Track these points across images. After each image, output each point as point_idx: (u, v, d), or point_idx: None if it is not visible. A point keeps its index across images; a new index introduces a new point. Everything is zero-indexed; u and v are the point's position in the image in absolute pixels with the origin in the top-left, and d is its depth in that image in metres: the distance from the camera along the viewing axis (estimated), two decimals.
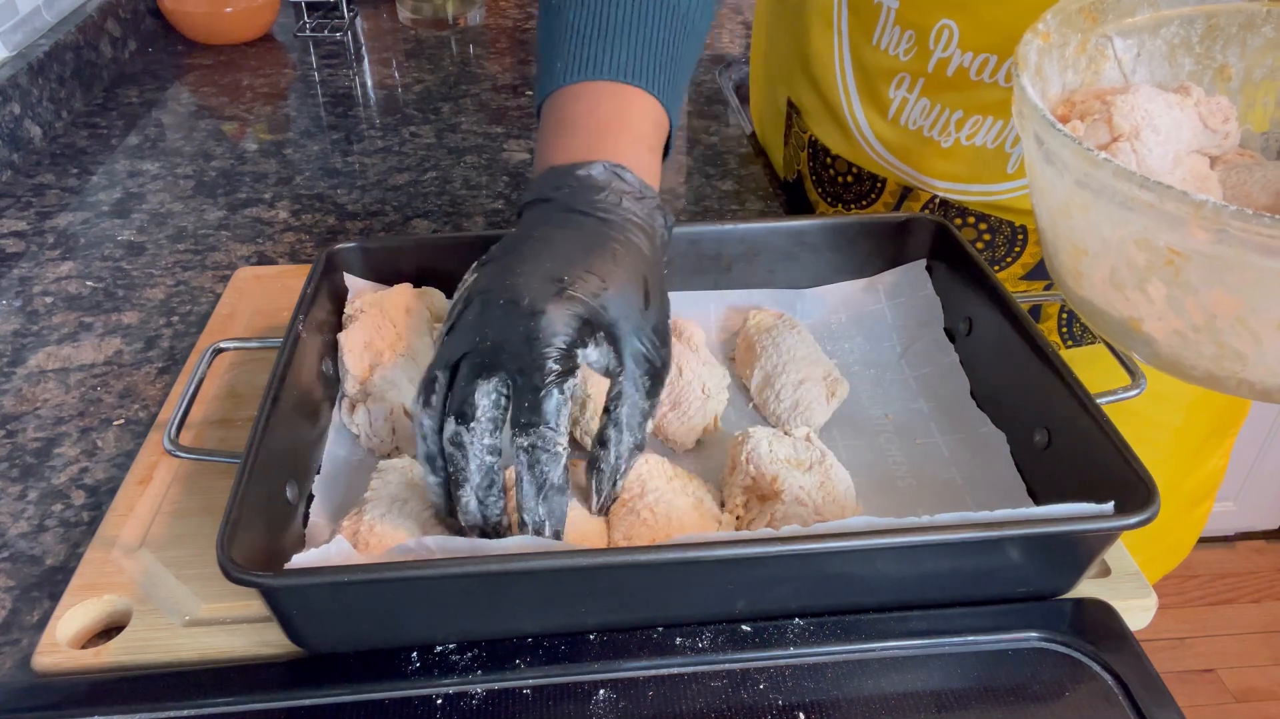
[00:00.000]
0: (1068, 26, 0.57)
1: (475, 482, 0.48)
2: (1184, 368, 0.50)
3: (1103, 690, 0.48)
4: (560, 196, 0.55)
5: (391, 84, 1.23)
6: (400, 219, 0.93)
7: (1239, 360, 0.47)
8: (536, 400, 0.47)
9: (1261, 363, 0.46)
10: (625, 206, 0.54)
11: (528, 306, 0.48)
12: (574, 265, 0.51)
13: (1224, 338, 0.46)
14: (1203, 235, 0.43)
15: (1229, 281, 0.44)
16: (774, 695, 0.47)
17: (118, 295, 0.81)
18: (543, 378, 0.47)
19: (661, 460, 0.56)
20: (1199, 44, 0.59)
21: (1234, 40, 0.58)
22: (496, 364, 0.48)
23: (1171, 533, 0.96)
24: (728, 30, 1.40)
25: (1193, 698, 1.72)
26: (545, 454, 0.47)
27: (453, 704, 0.47)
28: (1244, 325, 0.45)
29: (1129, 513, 0.47)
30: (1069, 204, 0.49)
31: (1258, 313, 0.44)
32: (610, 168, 0.55)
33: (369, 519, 0.52)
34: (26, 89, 1.04)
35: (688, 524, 0.52)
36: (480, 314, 0.49)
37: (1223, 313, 0.45)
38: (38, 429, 0.67)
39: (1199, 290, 0.45)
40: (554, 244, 0.52)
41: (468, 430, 0.47)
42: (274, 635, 0.49)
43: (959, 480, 0.59)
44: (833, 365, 0.65)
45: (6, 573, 0.56)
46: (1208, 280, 0.45)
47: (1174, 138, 0.55)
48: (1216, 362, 0.48)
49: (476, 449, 0.48)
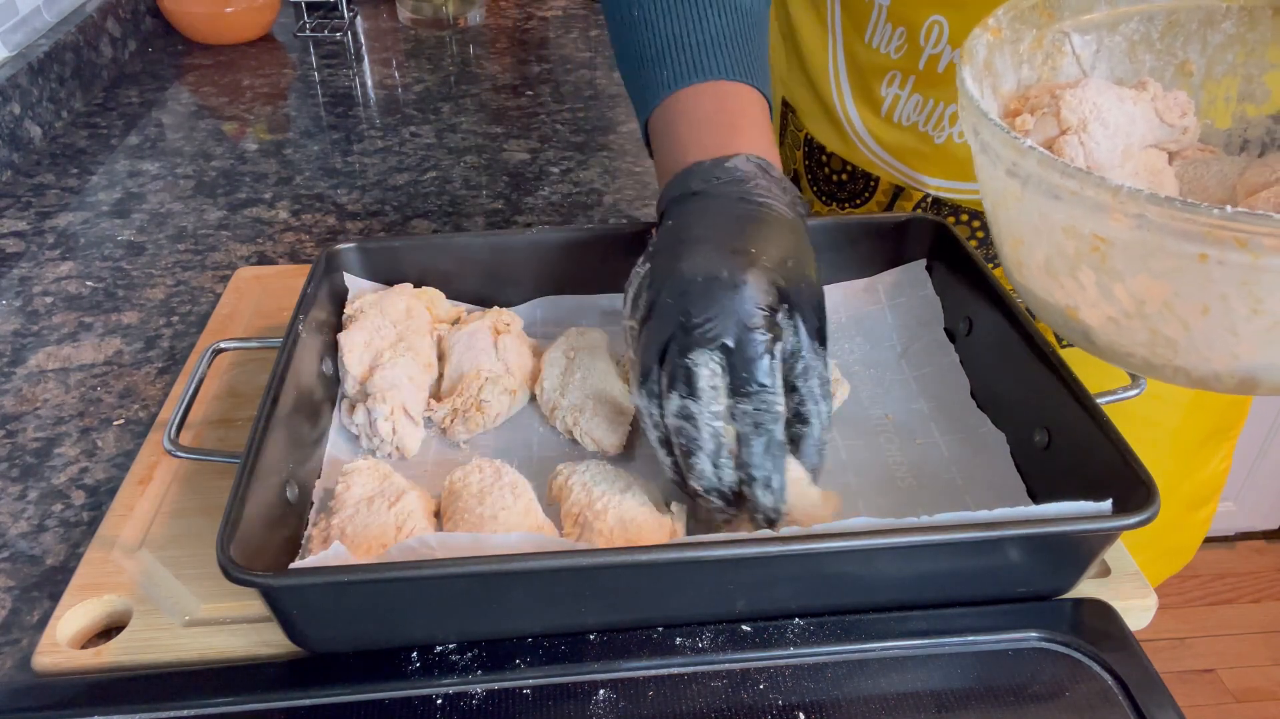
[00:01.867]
0: (1021, 22, 0.58)
1: (709, 449, 0.50)
2: (1121, 356, 0.50)
3: (1103, 690, 0.48)
4: (712, 188, 0.57)
5: (391, 84, 1.23)
6: (400, 219, 0.93)
7: (1170, 347, 0.47)
8: (753, 366, 0.49)
9: (1193, 349, 0.47)
10: (775, 193, 0.57)
11: (728, 279, 0.50)
12: (753, 241, 0.53)
13: (1154, 324, 0.47)
14: (1123, 221, 0.43)
15: (1153, 267, 0.44)
16: (774, 695, 0.47)
17: (118, 295, 0.81)
18: (757, 345, 0.49)
19: (601, 463, 0.56)
20: (1160, 40, 0.59)
21: (1195, 36, 0.58)
22: (709, 338, 0.49)
23: (1174, 535, 0.96)
24: None
25: (1193, 698, 1.72)
26: (768, 415, 0.50)
27: (453, 704, 0.47)
28: (1171, 311, 0.45)
29: (1129, 513, 0.47)
30: (1005, 194, 0.50)
31: (1182, 298, 0.44)
32: (752, 159, 0.58)
33: (337, 522, 0.52)
34: (26, 89, 1.04)
35: (643, 525, 0.52)
36: (680, 295, 0.51)
37: (1150, 299, 0.46)
38: (38, 429, 0.67)
39: (1125, 277, 0.46)
40: (726, 226, 0.54)
41: (695, 402, 0.49)
42: (274, 635, 0.49)
43: (959, 480, 0.59)
44: (833, 365, 0.65)
45: (6, 573, 0.56)
46: (1132, 267, 0.45)
47: (1125, 131, 0.55)
48: (1150, 349, 0.48)
49: (705, 418, 0.50)
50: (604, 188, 0.98)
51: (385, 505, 0.53)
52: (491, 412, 0.62)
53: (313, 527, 0.54)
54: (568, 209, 0.95)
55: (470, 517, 0.53)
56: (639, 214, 0.94)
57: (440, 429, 0.63)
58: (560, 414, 0.62)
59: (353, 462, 0.57)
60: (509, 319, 0.67)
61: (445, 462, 0.61)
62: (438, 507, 0.56)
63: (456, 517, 0.53)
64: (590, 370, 0.63)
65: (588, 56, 1.32)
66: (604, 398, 0.61)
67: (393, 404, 0.60)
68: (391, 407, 0.60)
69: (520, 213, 0.94)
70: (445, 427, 0.62)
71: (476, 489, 0.54)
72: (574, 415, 0.61)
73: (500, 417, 0.63)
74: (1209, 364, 0.47)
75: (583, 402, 0.61)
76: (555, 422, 0.63)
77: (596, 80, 1.25)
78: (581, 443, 0.61)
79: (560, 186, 0.99)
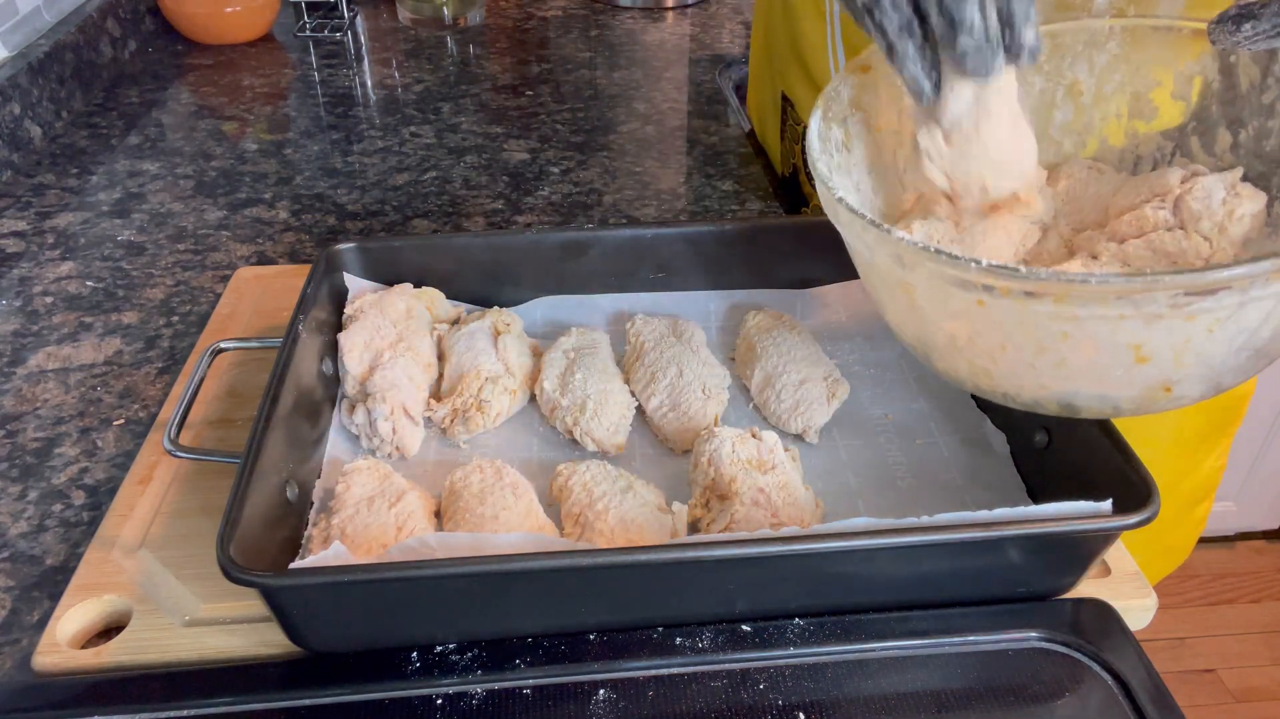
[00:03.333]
0: None
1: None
2: (957, 380, 0.52)
3: (1103, 690, 0.48)
4: None
5: (391, 84, 1.23)
6: (400, 219, 0.93)
7: (988, 376, 0.49)
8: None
9: (1005, 379, 0.48)
10: None
11: None
12: None
13: (969, 356, 0.48)
14: (915, 271, 0.45)
15: (949, 310, 0.46)
16: (774, 695, 0.47)
17: (118, 295, 0.81)
18: None
19: (602, 464, 0.56)
20: (1047, 62, 0.59)
21: (1081, 57, 0.59)
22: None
23: (1171, 534, 0.96)
24: (728, 30, 1.41)
25: (1193, 698, 1.72)
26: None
27: (453, 704, 0.47)
28: (975, 347, 0.47)
29: (1129, 513, 0.47)
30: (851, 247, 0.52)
31: (982, 337, 0.46)
32: None
33: (337, 522, 0.52)
34: (26, 89, 1.04)
35: (643, 525, 0.52)
36: None
37: (958, 335, 0.47)
38: (38, 429, 0.67)
39: (932, 318, 0.48)
40: None
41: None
42: (274, 635, 0.49)
43: (959, 480, 0.59)
44: (833, 366, 0.65)
45: (6, 573, 0.56)
46: (935, 309, 0.47)
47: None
48: (973, 377, 0.50)
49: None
50: (604, 188, 0.98)
51: (385, 505, 0.53)
52: (492, 412, 0.62)
53: (313, 526, 0.54)
54: (568, 209, 0.95)
55: (471, 517, 0.53)
56: (639, 214, 0.94)
57: (440, 429, 0.63)
58: (560, 414, 0.62)
59: (353, 461, 0.57)
60: (509, 319, 0.67)
61: (445, 462, 0.61)
62: (438, 507, 0.56)
63: (457, 517, 0.53)
64: (591, 370, 0.63)
65: (588, 56, 1.32)
66: (604, 398, 0.61)
67: (393, 404, 0.60)
68: (392, 406, 0.60)
69: (520, 213, 0.94)
70: (445, 427, 0.62)
71: (477, 489, 0.54)
72: (574, 415, 0.61)
73: (500, 417, 0.63)
74: (1025, 391, 0.48)
75: (583, 402, 0.61)
76: (555, 422, 0.63)
77: (596, 80, 1.25)
78: (582, 443, 0.61)
79: (560, 186, 0.99)
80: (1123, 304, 0.41)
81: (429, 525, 0.54)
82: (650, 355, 0.65)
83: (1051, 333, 0.43)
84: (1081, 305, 0.41)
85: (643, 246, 0.70)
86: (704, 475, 0.56)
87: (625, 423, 0.62)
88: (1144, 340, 0.42)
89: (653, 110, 1.16)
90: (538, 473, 0.59)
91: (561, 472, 0.56)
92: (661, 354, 0.65)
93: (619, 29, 1.42)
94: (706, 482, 0.55)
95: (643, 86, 1.22)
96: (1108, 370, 0.44)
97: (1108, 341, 0.43)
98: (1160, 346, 0.42)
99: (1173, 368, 0.44)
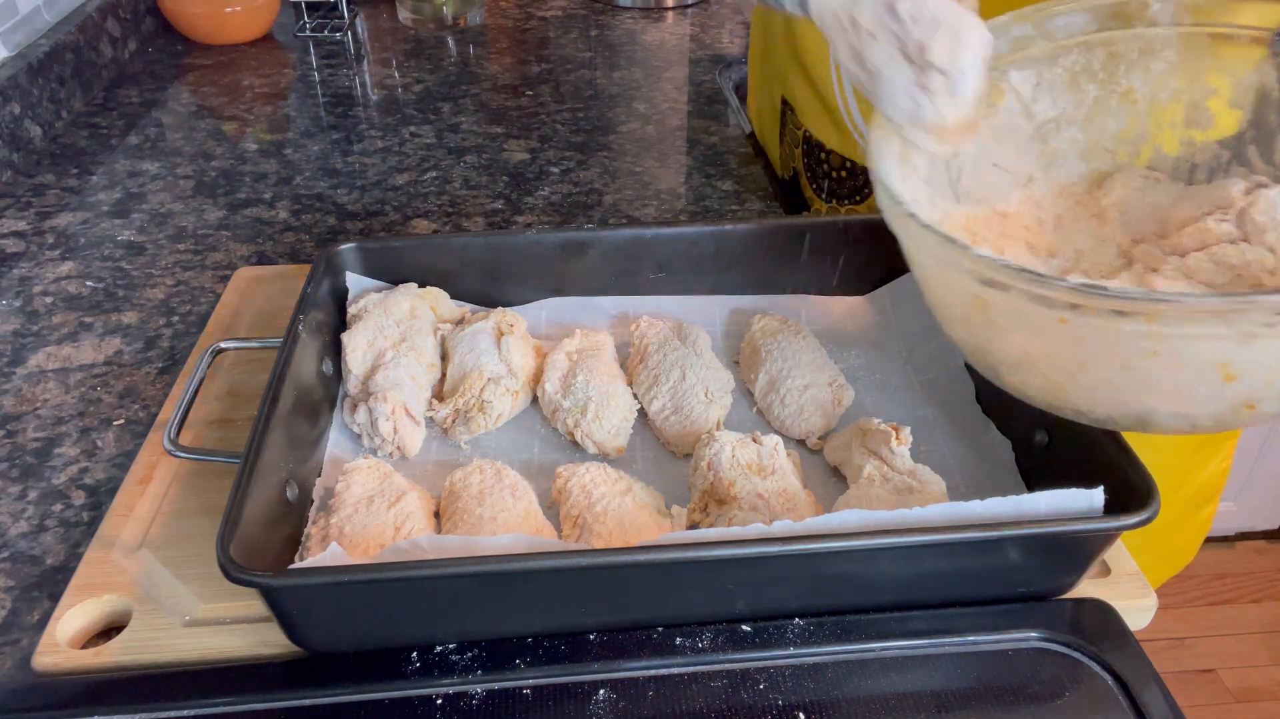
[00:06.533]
0: None
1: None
2: (1026, 395, 0.51)
3: (1103, 690, 0.48)
4: None
5: (391, 84, 1.23)
6: (400, 219, 0.93)
7: (1062, 392, 0.48)
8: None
9: (1081, 396, 0.48)
10: None
11: None
12: None
13: (1044, 372, 0.48)
14: (993, 286, 0.45)
15: (1025, 327, 0.46)
16: (774, 695, 0.47)
17: (118, 295, 0.81)
18: None
19: (602, 466, 0.56)
20: (1102, 70, 0.59)
21: (1136, 65, 0.58)
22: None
23: (1175, 537, 0.96)
24: (728, 30, 1.40)
25: (1193, 698, 1.72)
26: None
27: (453, 704, 0.47)
28: (1052, 364, 0.47)
29: (1129, 513, 0.47)
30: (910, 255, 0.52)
31: (1059, 354, 0.46)
32: None
33: (336, 521, 0.52)
34: (26, 89, 1.04)
35: (642, 528, 0.52)
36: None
37: (1032, 352, 0.47)
38: (38, 429, 0.67)
39: (1008, 332, 0.47)
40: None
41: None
42: (274, 635, 0.49)
43: (962, 487, 0.59)
44: (838, 371, 0.65)
45: (6, 573, 0.56)
46: (1010, 325, 0.46)
47: None
48: (1045, 393, 0.49)
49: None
50: (604, 188, 0.98)
51: (385, 505, 0.53)
52: (493, 412, 0.62)
53: (311, 525, 0.54)
54: (568, 209, 0.95)
55: (470, 518, 0.53)
56: (639, 214, 0.94)
57: (442, 429, 0.63)
58: (562, 416, 0.62)
59: (353, 461, 0.57)
60: (513, 320, 0.67)
61: (446, 462, 0.61)
62: (438, 507, 0.56)
63: (456, 518, 0.53)
64: (593, 372, 0.63)
65: (588, 56, 1.32)
66: (606, 400, 0.61)
67: (394, 403, 0.60)
68: (393, 406, 0.60)
69: (520, 213, 0.94)
70: (447, 427, 0.62)
71: (477, 490, 0.54)
72: (575, 417, 0.61)
73: (502, 417, 0.63)
74: (1100, 408, 0.48)
75: (585, 404, 0.61)
76: (557, 423, 0.63)
77: (596, 80, 1.25)
78: (582, 445, 0.61)
79: (560, 186, 0.99)
80: (1216, 323, 0.40)
81: (428, 526, 0.54)
82: (654, 358, 0.65)
83: (1138, 351, 0.43)
84: (1172, 324, 0.41)
85: (643, 246, 0.70)
86: (703, 479, 0.56)
87: (626, 425, 0.62)
88: (1233, 358, 0.42)
89: (653, 110, 1.16)
90: (538, 474, 0.59)
91: (561, 473, 0.56)
92: (665, 357, 0.65)
93: (619, 29, 1.42)
94: (705, 486, 0.55)
95: (643, 86, 1.22)
96: (1192, 389, 0.44)
97: (1195, 361, 0.42)
98: (1250, 365, 0.42)
99: (1262, 386, 0.43)
